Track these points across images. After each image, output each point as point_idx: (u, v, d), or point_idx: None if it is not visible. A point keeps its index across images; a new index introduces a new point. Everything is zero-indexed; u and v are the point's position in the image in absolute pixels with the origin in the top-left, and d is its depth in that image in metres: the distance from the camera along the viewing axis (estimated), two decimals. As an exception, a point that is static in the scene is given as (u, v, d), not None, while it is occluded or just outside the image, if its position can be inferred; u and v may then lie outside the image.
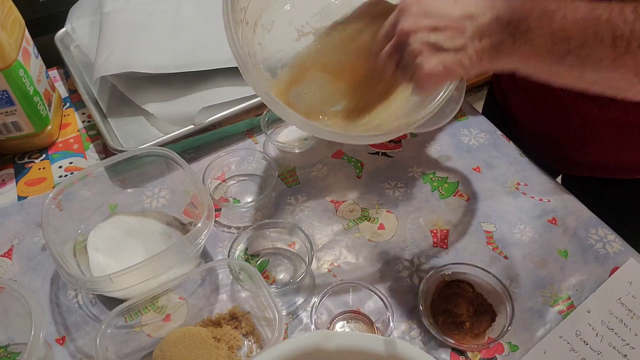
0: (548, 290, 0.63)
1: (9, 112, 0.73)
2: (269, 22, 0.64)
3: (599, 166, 0.75)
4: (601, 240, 0.67)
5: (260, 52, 0.62)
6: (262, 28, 0.63)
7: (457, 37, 0.47)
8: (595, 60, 0.42)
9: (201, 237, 0.58)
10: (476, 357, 0.58)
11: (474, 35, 0.46)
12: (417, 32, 0.48)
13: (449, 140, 0.80)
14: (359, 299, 0.61)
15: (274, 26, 0.64)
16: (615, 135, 0.70)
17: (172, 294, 0.61)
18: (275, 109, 0.54)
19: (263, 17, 0.62)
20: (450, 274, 0.62)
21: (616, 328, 0.59)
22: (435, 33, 0.47)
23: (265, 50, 0.63)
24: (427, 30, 0.48)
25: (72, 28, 0.91)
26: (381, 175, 0.76)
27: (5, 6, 0.71)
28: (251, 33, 0.61)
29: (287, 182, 0.75)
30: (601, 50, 0.41)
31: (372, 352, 0.41)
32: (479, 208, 0.71)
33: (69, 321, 0.61)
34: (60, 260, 0.55)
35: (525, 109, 0.80)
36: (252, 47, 0.61)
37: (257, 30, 0.62)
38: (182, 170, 0.64)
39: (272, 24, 0.64)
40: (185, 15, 0.88)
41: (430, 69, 0.47)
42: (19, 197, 0.74)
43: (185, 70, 0.80)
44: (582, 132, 0.73)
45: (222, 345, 0.57)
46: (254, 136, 0.82)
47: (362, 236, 0.69)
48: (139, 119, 0.81)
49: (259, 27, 0.63)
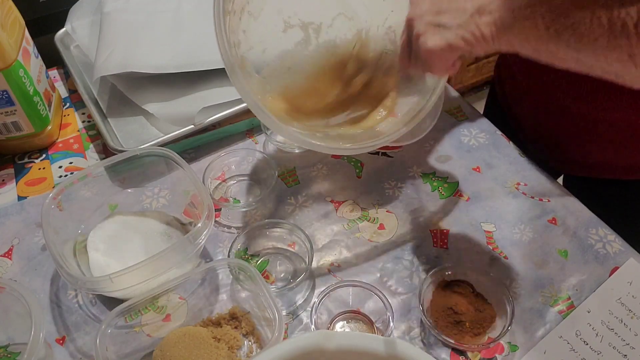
0: (548, 290, 0.63)
1: (9, 112, 0.73)
2: (257, 9, 0.63)
3: (600, 167, 0.75)
4: (601, 240, 0.67)
5: (244, 41, 0.62)
6: (249, 15, 0.62)
7: (459, 15, 0.49)
8: (592, 39, 0.43)
9: (201, 237, 0.58)
10: (476, 357, 0.58)
11: (475, 12, 0.48)
12: (422, 17, 0.51)
13: (449, 140, 0.80)
14: (359, 299, 0.61)
15: (261, 14, 0.63)
16: (615, 135, 0.70)
17: (172, 294, 0.61)
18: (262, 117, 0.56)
19: (251, 4, 0.62)
20: (450, 274, 0.62)
21: (616, 328, 0.59)
22: (437, 15, 0.50)
23: (250, 39, 0.62)
24: (431, 14, 0.50)
25: (72, 28, 0.91)
26: (381, 175, 0.76)
27: (5, 6, 0.71)
28: (237, 21, 0.60)
29: (287, 182, 0.75)
30: (598, 28, 0.42)
31: (372, 352, 0.41)
32: (479, 208, 0.71)
33: (69, 321, 0.61)
34: (60, 260, 0.55)
35: (526, 109, 0.80)
36: (236, 36, 0.60)
37: (242, 17, 0.61)
38: (182, 170, 0.64)
39: (260, 12, 0.63)
40: (185, 15, 0.88)
41: (433, 44, 0.49)
42: (19, 197, 0.74)
43: (185, 70, 0.80)
44: (582, 133, 0.73)
45: (222, 345, 0.57)
46: (254, 136, 0.82)
47: (362, 236, 0.69)
48: (139, 119, 0.81)
49: (245, 14, 0.62)
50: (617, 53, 0.42)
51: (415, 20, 0.51)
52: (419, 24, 0.51)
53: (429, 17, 0.50)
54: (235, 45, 0.59)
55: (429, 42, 0.50)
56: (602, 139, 0.71)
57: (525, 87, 0.77)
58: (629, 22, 0.41)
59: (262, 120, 0.57)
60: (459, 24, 0.48)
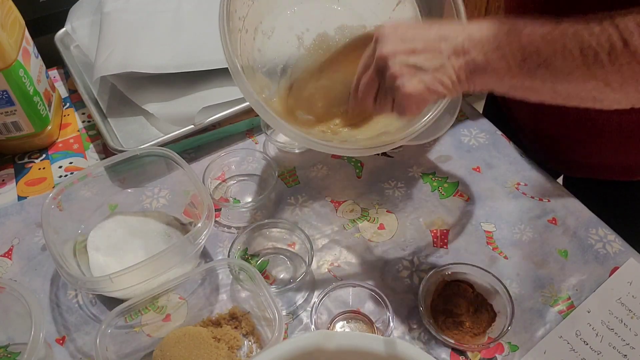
0: (548, 290, 0.63)
1: (9, 112, 0.73)
2: (270, 29, 0.64)
3: (600, 168, 0.75)
4: (601, 240, 0.67)
5: (259, 59, 0.63)
6: (262, 34, 0.63)
7: (435, 57, 0.47)
8: (566, 73, 0.43)
9: (201, 237, 0.58)
10: (476, 357, 0.58)
11: (450, 54, 0.47)
12: (396, 56, 0.48)
13: (449, 140, 0.80)
14: (359, 299, 0.61)
15: (274, 32, 0.64)
16: (615, 136, 0.70)
17: (172, 294, 0.61)
18: (264, 116, 0.55)
19: (264, 23, 0.63)
20: (450, 274, 0.62)
21: (616, 328, 0.59)
22: (413, 55, 0.48)
23: (264, 56, 0.63)
24: (405, 53, 0.48)
25: (72, 28, 0.91)
26: (381, 175, 0.76)
27: (5, 6, 0.71)
28: (250, 40, 0.61)
29: (287, 182, 0.75)
30: (571, 61, 0.42)
31: (372, 352, 0.41)
32: (479, 208, 0.71)
33: (69, 321, 0.61)
34: (60, 260, 0.55)
35: (526, 109, 0.80)
36: (251, 54, 0.61)
37: (257, 37, 0.63)
38: (182, 170, 0.64)
39: (273, 30, 0.64)
40: (185, 15, 0.88)
41: (411, 88, 0.47)
42: (19, 197, 0.74)
43: (185, 70, 0.80)
44: (582, 134, 0.73)
45: (222, 345, 0.57)
46: (254, 136, 0.82)
47: (362, 236, 0.69)
48: (139, 119, 0.81)
49: (259, 34, 0.63)
50: (594, 82, 0.43)
51: (389, 60, 0.48)
52: (393, 63, 0.48)
53: (403, 57, 0.48)
54: (250, 62, 0.60)
55: (407, 85, 0.47)
56: (600, 140, 0.71)
57: None
58: (601, 52, 0.41)
59: (270, 122, 0.56)
60: (436, 67, 0.47)
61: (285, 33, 0.65)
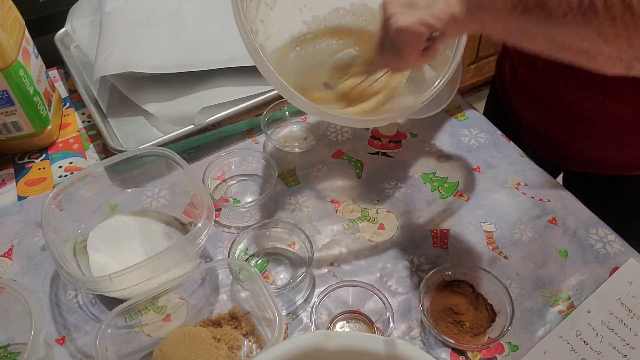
0: (548, 290, 0.63)
1: (9, 112, 0.73)
2: (272, 0, 0.65)
3: (599, 162, 0.75)
4: (601, 240, 0.67)
5: (262, 30, 0.64)
6: (265, 5, 0.64)
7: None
8: (560, 15, 0.43)
9: (201, 237, 0.58)
10: (476, 357, 0.58)
11: None
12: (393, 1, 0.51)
13: (449, 140, 0.80)
14: (359, 299, 0.61)
15: (276, 3, 0.65)
16: (614, 130, 0.70)
17: (172, 294, 0.61)
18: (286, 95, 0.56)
19: None
20: (450, 274, 0.62)
21: (616, 328, 0.59)
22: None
23: (267, 27, 0.64)
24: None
25: (72, 28, 0.91)
26: (381, 175, 0.76)
27: (5, 6, 0.71)
28: (254, 9, 0.62)
29: (287, 182, 0.75)
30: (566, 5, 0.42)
31: (372, 352, 0.41)
32: (479, 208, 0.71)
33: (69, 321, 0.61)
34: (60, 260, 0.55)
35: (525, 103, 0.81)
36: (254, 25, 0.62)
37: (259, 7, 0.63)
38: (182, 170, 0.64)
39: (275, 2, 0.65)
40: (185, 15, 0.88)
41: (403, 22, 0.50)
42: (19, 197, 0.74)
43: (186, 70, 0.80)
44: (581, 128, 0.73)
45: (222, 345, 0.57)
46: (254, 136, 0.82)
47: (362, 236, 0.69)
48: (139, 119, 0.81)
49: (262, 4, 0.64)
50: (587, 30, 0.43)
51: (388, 4, 0.52)
52: (390, 6, 0.51)
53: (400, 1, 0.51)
54: (253, 33, 0.61)
55: (399, 20, 0.50)
56: (601, 134, 0.72)
57: (525, 80, 0.77)
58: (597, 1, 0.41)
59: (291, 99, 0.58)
60: (429, 3, 0.49)
61: (288, 6, 0.67)
